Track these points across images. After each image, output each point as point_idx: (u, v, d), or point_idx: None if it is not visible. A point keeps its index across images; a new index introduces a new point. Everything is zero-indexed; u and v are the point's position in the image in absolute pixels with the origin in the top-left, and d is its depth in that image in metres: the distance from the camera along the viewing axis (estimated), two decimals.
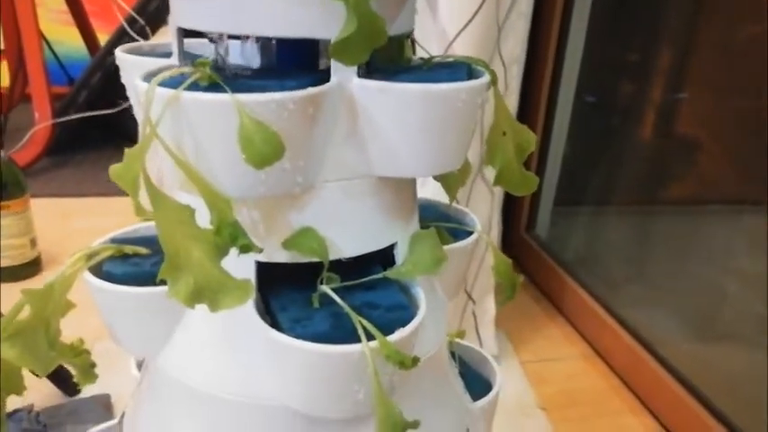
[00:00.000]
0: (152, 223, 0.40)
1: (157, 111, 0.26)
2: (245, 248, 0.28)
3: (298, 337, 0.29)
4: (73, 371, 0.36)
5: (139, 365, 0.48)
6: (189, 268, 0.26)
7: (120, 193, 0.39)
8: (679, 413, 0.82)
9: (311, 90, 0.27)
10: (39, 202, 1.18)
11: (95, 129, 1.72)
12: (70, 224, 1.36)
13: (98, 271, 0.34)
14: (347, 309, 0.30)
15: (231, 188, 0.28)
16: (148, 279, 0.33)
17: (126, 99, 0.34)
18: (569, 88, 1.21)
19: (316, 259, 0.31)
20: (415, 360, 0.28)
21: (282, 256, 0.32)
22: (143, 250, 0.36)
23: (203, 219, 0.27)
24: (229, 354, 0.33)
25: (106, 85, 1.67)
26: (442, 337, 0.38)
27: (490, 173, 0.83)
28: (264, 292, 0.33)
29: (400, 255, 0.35)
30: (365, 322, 0.29)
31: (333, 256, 0.32)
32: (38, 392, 0.82)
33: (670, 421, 0.84)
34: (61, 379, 0.83)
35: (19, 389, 0.34)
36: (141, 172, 0.25)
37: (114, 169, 0.26)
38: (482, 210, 0.88)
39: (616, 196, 1.50)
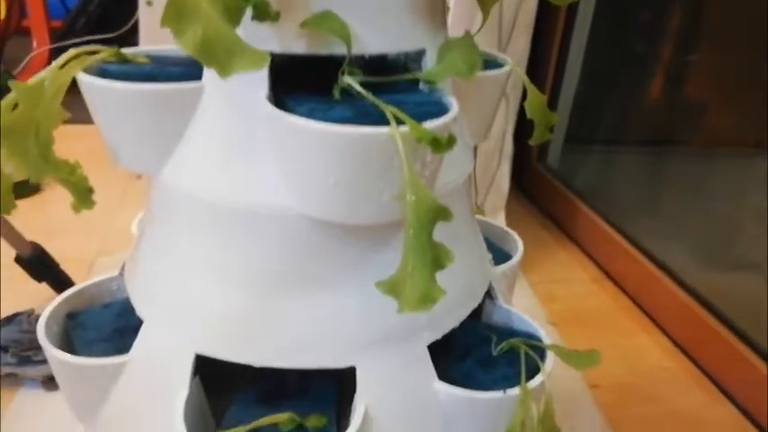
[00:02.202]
0: (154, 47, 0.36)
1: None
2: (260, 9, 0.24)
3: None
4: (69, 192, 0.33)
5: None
6: (196, 19, 0.23)
7: None
8: (694, 329, 0.80)
9: None
10: None
11: None
12: (68, 148, 1.32)
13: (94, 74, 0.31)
14: (372, 98, 0.27)
15: None
16: (148, 79, 0.30)
17: (124, 25, 0.29)
18: (583, 29, 1.17)
19: (336, 49, 0.28)
20: (451, 140, 0.25)
21: (300, 46, 0.28)
22: (143, 59, 0.33)
23: None
24: (240, 159, 0.29)
25: (104, 12, 1.61)
26: (467, 169, 0.35)
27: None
28: (279, 93, 0.30)
29: (429, 64, 0.32)
30: (393, 109, 0.26)
31: (355, 51, 0.29)
32: (37, 298, 0.80)
33: (684, 338, 0.82)
34: (61, 285, 0.81)
35: (8, 207, 0.32)
36: None
37: None
38: (496, 120, 0.85)
39: (626, 136, 1.48)
